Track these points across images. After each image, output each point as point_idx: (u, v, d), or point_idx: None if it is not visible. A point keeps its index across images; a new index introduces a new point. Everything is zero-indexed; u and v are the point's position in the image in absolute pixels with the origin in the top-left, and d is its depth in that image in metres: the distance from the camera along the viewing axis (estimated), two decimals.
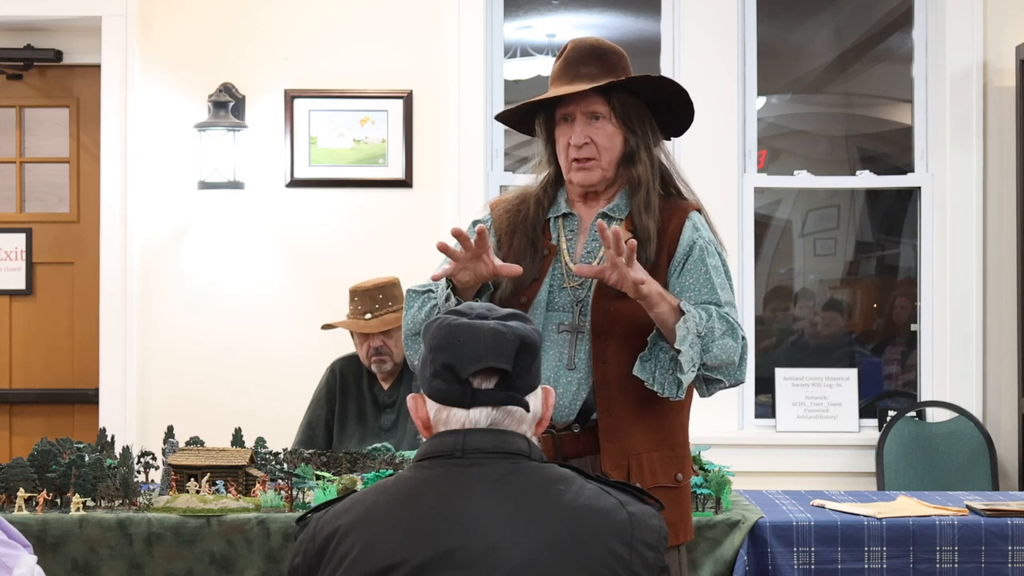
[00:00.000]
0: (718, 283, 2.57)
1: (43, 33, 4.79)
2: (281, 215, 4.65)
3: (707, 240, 2.61)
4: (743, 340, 2.54)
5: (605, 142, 2.60)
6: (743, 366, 2.56)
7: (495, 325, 1.82)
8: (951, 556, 3.07)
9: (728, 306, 2.57)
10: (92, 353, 4.72)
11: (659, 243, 2.58)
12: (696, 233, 2.60)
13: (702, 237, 2.61)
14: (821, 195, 5.23)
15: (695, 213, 2.65)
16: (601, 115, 2.60)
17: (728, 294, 2.59)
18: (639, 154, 2.61)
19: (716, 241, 2.65)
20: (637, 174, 2.61)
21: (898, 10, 5.01)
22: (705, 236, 2.61)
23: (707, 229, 2.64)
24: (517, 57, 5.11)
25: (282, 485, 3.07)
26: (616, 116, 2.60)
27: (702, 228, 2.63)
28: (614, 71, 2.61)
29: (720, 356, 2.49)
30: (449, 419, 1.84)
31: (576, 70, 2.61)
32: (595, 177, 2.62)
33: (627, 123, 2.61)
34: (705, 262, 2.58)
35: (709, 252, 2.59)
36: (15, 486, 3.02)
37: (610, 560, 1.74)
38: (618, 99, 2.60)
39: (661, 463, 2.54)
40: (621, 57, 2.66)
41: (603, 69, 2.61)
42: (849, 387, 4.76)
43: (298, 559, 1.84)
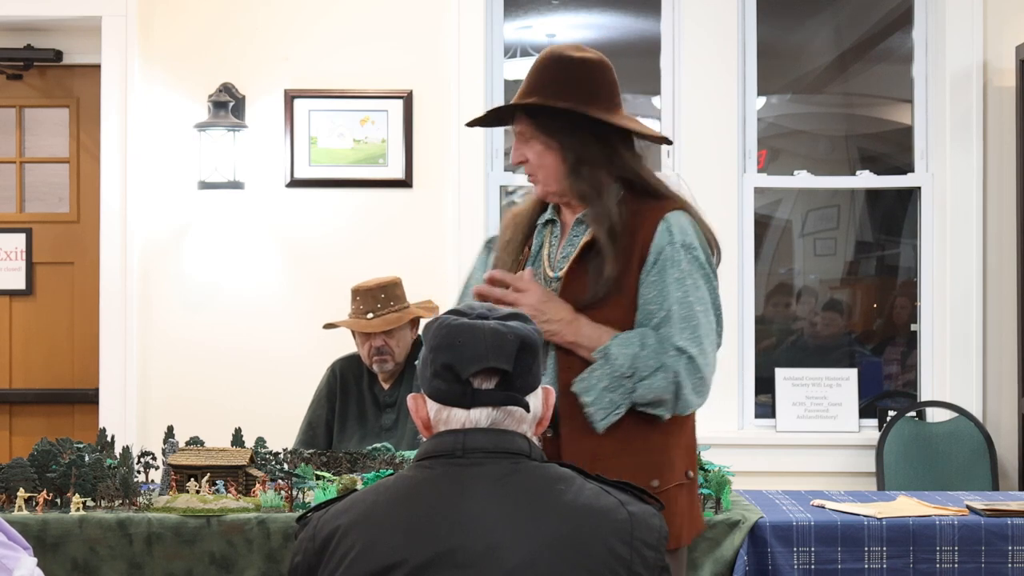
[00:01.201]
0: (676, 296, 2.47)
1: (43, 33, 4.79)
2: (281, 215, 4.65)
3: (680, 244, 2.49)
4: (681, 372, 2.43)
5: (535, 160, 2.56)
6: (684, 399, 2.46)
7: (495, 325, 1.82)
8: (951, 556, 3.07)
9: (684, 322, 2.46)
10: (92, 353, 4.72)
11: (628, 251, 2.50)
12: (667, 237, 2.49)
13: (673, 242, 2.49)
14: (821, 195, 5.23)
15: (673, 214, 2.53)
16: (527, 135, 2.56)
17: (687, 307, 2.47)
18: (579, 168, 2.53)
19: (698, 243, 2.52)
20: (579, 189, 2.54)
21: (898, 10, 5.01)
22: (678, 240, 2.49)
23: (685, 231, 2.51)
24: (517, 57, 5.11)
25: (282, 485, 3.07)
26: (541, 134, 2.54)
27: (676, 231, 2.50)
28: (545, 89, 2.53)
29: (647, 396, 2.45)
30: (449, 419, 1.84)
31: (525, 82, 2.59)
32: (541, 192, 2.60)
33: (556, 139, 2.53)
34: (666, 273, 2.48)
35: (675, 261, 2.48)
36: (15, 486, 3.02)
37: (610, 560, 1.74)
38: (543, 118, 2.53)
39: (630, 468, 2.41)
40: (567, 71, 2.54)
41: (536, 86, 2.54)
42: (849, 387, 4.76)
43: (298, 558, 1.84)
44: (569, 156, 2.53)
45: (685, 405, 2.48)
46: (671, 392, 2.45)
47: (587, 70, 2.55)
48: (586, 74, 2.54)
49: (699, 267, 2.51)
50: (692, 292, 2.48)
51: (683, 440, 2.58)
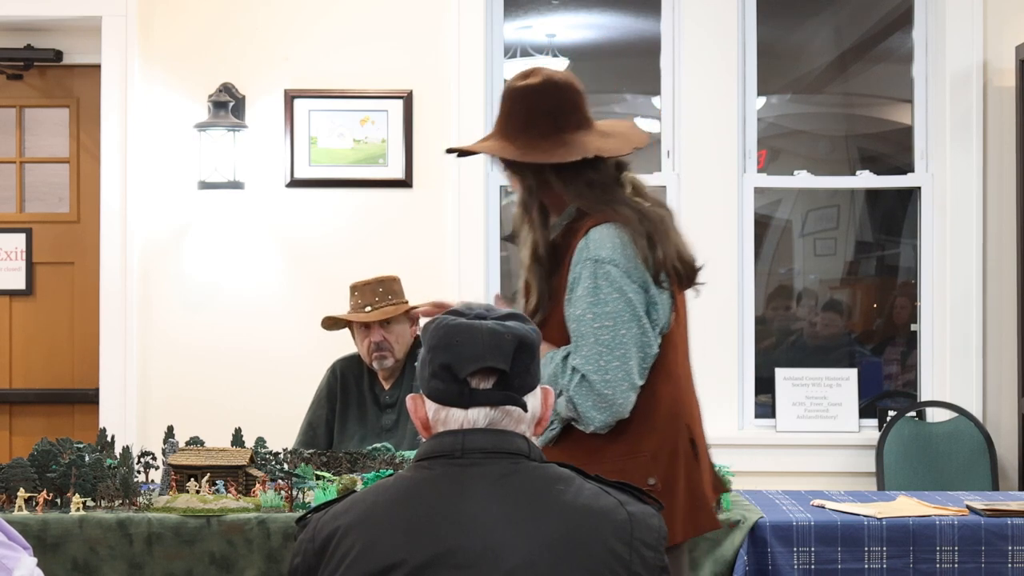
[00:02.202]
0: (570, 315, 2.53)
1: (43, 33, 4.79)
2: (281, 215, 4.65)
3: (590, 259, 2.52)
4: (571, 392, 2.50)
5: (513, 186, 2.70)
6: (586, 417, 2.50)
7: (493, 325, 1.83)
8: (951, 556, 3.07)
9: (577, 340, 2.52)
10: (92, 353, 4.72)
11: (563, 272, 2.57)
12: (580, 256, 2.54)
13: (583, 259, 2.53)
14: (821, 195, 5.23)
15: (596, 228, 2.55)
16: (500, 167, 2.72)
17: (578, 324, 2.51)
18: (528, 200, 2.65)
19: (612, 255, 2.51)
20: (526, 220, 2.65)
21: (898, 10, 5.00)
22: (592, 254, 2.52)
23: (600, 244, 2.53)
24: (517, 57, 5.11)
25: (282, 485, 3.07)
26: (505, 168, 2.70)
27: (592, 245, 2.53)
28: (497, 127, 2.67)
29: (562, 414, 2.54)
30: (448, 419, 1.84)
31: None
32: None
33: (511, 172, 2.68)
34: (572, 292, 2.53)
35: (579, 279, 2.52)
36: (15, 486, 3.02)
37: (610, 560, 1.74)
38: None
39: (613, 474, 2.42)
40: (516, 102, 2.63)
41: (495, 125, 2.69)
42: (849, 387, 4.76)
43: (298, 559, 1.84)
44: (523, 187, 2.65)
45: (589, 422, 2.52)
46: (572, 411, 2.53)
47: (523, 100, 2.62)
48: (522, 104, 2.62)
49: (610, 282, 2.50)
50: (592, 309, 2.50)
51: (644, 446, 2.56)
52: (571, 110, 2.61)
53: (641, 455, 2.55)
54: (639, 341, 2.52)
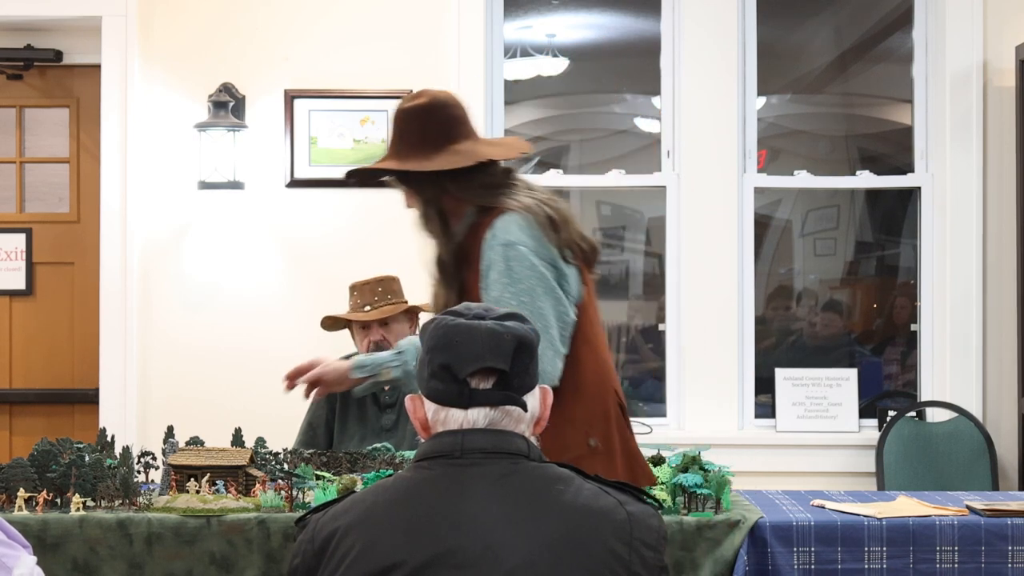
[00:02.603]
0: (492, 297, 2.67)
1: (43, 33, 4.80)
2: (281, 215, 4.65)
3: (498, 246, 2.69)
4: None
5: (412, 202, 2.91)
6: None
7: (492, 325, 1.83)
8: (951, 556, 3.07)
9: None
10: (92, 353, 4.72)
11: (472, 269, 2.75)
12: (490, 243, 2.71)
13: (493, 246, 2.70)
14: (821, 195, 5.23)
15: (500, 219, 2.73)
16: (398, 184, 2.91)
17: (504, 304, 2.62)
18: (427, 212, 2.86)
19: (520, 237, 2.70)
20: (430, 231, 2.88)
21: (898, 10, 5.00)
22: (499, 241, 2.70)
23: (507, 230, 2.71)
24: (517, 57, 5.11)
25: (282, 485, 3.07)
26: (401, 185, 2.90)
27: (499, 233, 2.71)
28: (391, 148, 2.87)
29: None
30: (447, 419, 1.84)
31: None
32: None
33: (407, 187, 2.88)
34: (487, 278, 2.70)
35: (493, 263, 2.69)
36: (15, 486, 3.02)
37: (609, 560, 1.74)
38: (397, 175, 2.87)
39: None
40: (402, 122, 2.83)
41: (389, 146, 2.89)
42: (849, 387, 4.76)
43: (297, 560, 1.84)
44: (421, 200, 2.86)
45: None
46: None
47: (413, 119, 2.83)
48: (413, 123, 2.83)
49: (521, 261, 2.68)
50: (509, 288, 2.67)
51: (576, 414, 2.71)
52: (459, 123, 2.82)
53: (577, 421, 2.70)
54: (556, 311, 2.68)
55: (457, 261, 2.79)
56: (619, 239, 5.38)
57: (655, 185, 4.81)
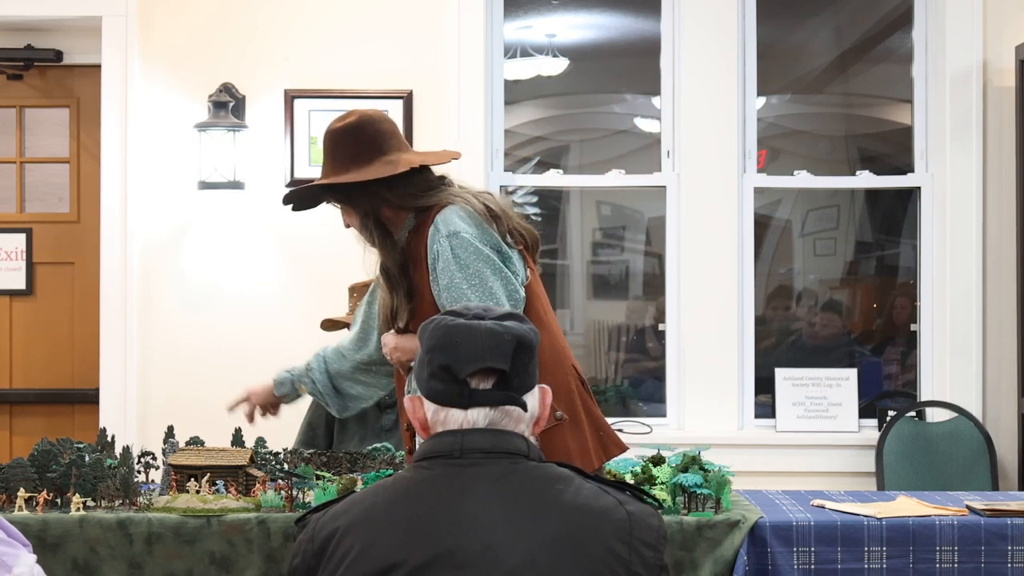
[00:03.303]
0: (443, 285, 2.77)
1: (43, 33, 4.80)
2: (281, 215, 4.63)
3: (443, 237, 2.79)
4: None
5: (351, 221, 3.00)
6: None
7: (491, 325, 1.83)
8: (951, 556, 3.07)
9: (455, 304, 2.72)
10: (92, 353, 4.72)
11: (419, 268, 2.86)
12: (434, 238, 2.81)
13: (439, 239, 2.80)
14: (821, 195, 5.23)
15: (440, 213, 2.84)
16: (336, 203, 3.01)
17: (454, 290, 2.76)
18: (366, 223, 2.95)
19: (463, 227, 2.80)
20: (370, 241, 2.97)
21: (898, 10, 5.00)
22: (442, 232, 2.80)
23: (448, 222, 2.81)
24: (517, 57, 5.11)
25: (282, 485, 3.07)
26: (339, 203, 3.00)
27: (441, 226, 2.81)
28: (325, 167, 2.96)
29: None
30: (447, 420, 1.84)
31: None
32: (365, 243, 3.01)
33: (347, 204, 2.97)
34: (435, 270, 2.80)
35: (441, 253, 2.79)
36: (15, 486, 3.02)
37: (609, 559, 1.74)
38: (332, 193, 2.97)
39: None
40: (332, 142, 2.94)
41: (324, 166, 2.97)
42: (849, 387, 4.76)
43: (297, 560, 1.84)
44: (358, 214, 2.95)
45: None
46: None
47: (345, 136, 2.93)
48: (345, 140, 2.93)
49: (466, 247, 2.79)
50: (457, 274, 2.77)
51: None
52: (390, 136, 2.94)
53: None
54: (506, 290, 2.79)
55: (402, 266, 2.90)
56: (619, 239, 5.38)
57: (655, 185, 4.81)
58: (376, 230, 2.93)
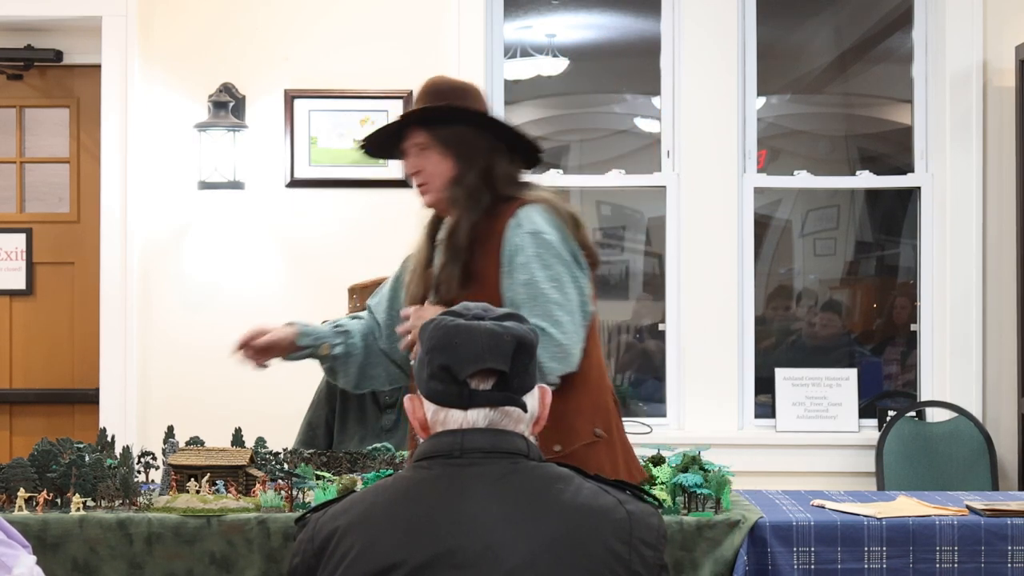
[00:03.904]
0: (521, 280, 2.69)
1: (43, 33, 4.80)
2: (281, 215, 4.65)
3: (525, 233, 2.72)
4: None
5: (432, 168, 2.83)
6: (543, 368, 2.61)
7: (491, 326, 1.83)
8: (951, 556, 3.07)
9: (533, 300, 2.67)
10: (92, 353, 4.72)
11: (488, 251, 2.74)
12: (516, 231, 2.73)
13: (520, 233, 2.72)
14: (821, 195, 5.23)
15: (523, 208, 2.76)
16: (425, 145, 2.83)
17: (533, 287, 2.68)
18: (464, 178, 2.80)
19: (548, 229, 2.73)
20: (454, 195, 2.81)
21: (898, 10, 5.01)
22: (526, 229, 2.72)
23: (533, 220, 2.73)
24: (517, 57, 5.11)
25: (282, 485, 3.07)
26: (439, 144, 2.82)
27: (525, 222, 2.73)
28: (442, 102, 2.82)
29: None
30: (447, 420, 1.84)
31: (414, 107, 2.87)
32: (430, 200, 2.88)
33: (452, 149, 2.81)
34: (513, 262, 2.71)
35: (520, 248, 2.71)
36: (15, 486, 3.02)
37: (609, 559, 1.74)
38: (440, 130, 2.81)
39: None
40: (457, 92, 2.84)
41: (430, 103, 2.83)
42: (849, 387, 4.76)
43: (297, 560, 1.84)
44: (460, 165, 2.81)
45: (547, 372, 2.64)
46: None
47: (471, 91, 2.87)
48: (472, 94, 2.87)
49: (547, 247, 2.72)
50: (538, 271, 2.69)
51: (584, 403, 2.77)
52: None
53: (584, 410, 2.76)
54: (580, 300, 2.74)
55: (471, 239, 2.76)
56: (619, 239, 5.38)
57: (655, 185, 4.81)
58: (474, 186, 2.78)
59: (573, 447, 2.71)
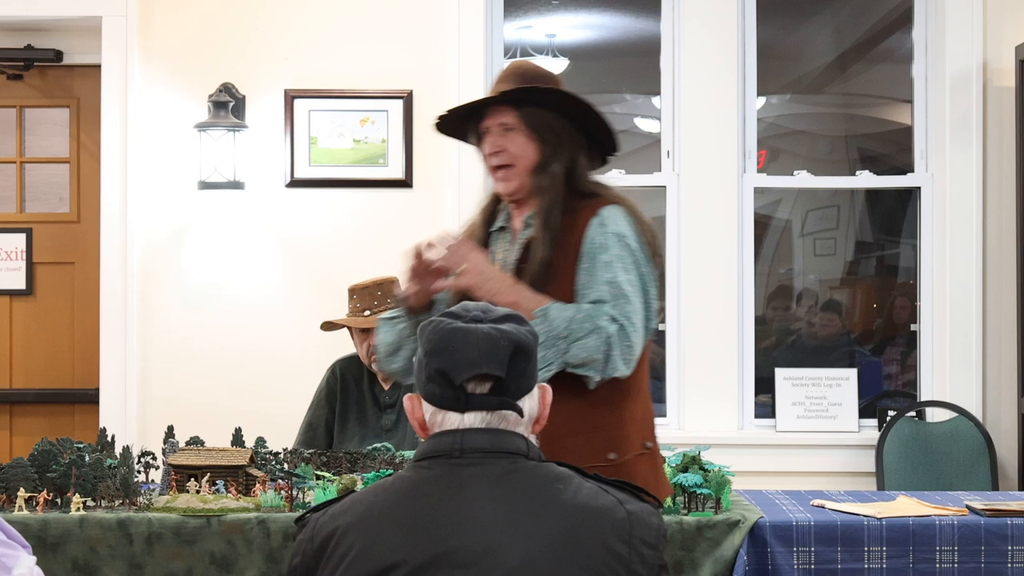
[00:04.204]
0: (605, 277, 2.65)
1: (43, 33, 4.80)
2: (281, 215, 4.65)
3: (610, 233, 2.68)
4: (613, 336, 2.61)
5: (517, 150, 2.74)
6: (613, 362, 2.62)
7: (488, 330, 1.82)
8: (951, 556, 3.07)
9: (616, 299, 2.64)
10: (92, 353, 4.72)
11: (566, 245, 2.69)
12: (599, 229, 2.68)
13: (604, 232, 2.68)
14: (821, 195, 5.23)
15: (607, 207, 2.72)
16: (512, 126, 2.75)
17: (618, 285, 2.65)
18: (549, 165, 2.73)
19: (630, 232, 2.70)
20: (540, 183, 2.73)
21: (898, 10, 5.01)
22: (611, 230, 2.68)
23: (617, 222, 2.70)
24: (517, 57, 5.11)
25: (282, 485, 3.07)
26: (526, 127, 2.74)
27: (609, 222, 2.69)
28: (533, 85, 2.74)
29: (580, 356, 2.60)
30: (444, 422, 1.84)
31: (496, 88, 2.79)
32: (513, 185, 2.77)
33: (539, 133, 2.74)
34: (596, 258, 2.67)
35: (605, 247, 2.67)
36: (15, 486, 3.02)
37: (609, 559, 1.74)
38: (529, 112, 2.73)
39: (588, 445, 2.64)
40: (545, 78, 2.79)
41: (519, 86, 2.75)
42: (849, 387, 4.76)
43: (297, 560, 1.84)
44: (546, 151, 2.73)
45: (612, 369, 2.63)
46: (602, 353, 2.60)
47: (559, 80, 2.80)
48: (560, 83, 2.80)
49: (630, 253, 2.69)
50: (621, 274, 2.66)
51: (637, 414, 2.75)
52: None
53: (637, 420, 2.74)
54: (651, 313, 2.73)
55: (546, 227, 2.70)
56: None
57: (655, 185, 4.80)
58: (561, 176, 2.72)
59: (626, 457, 2.70)
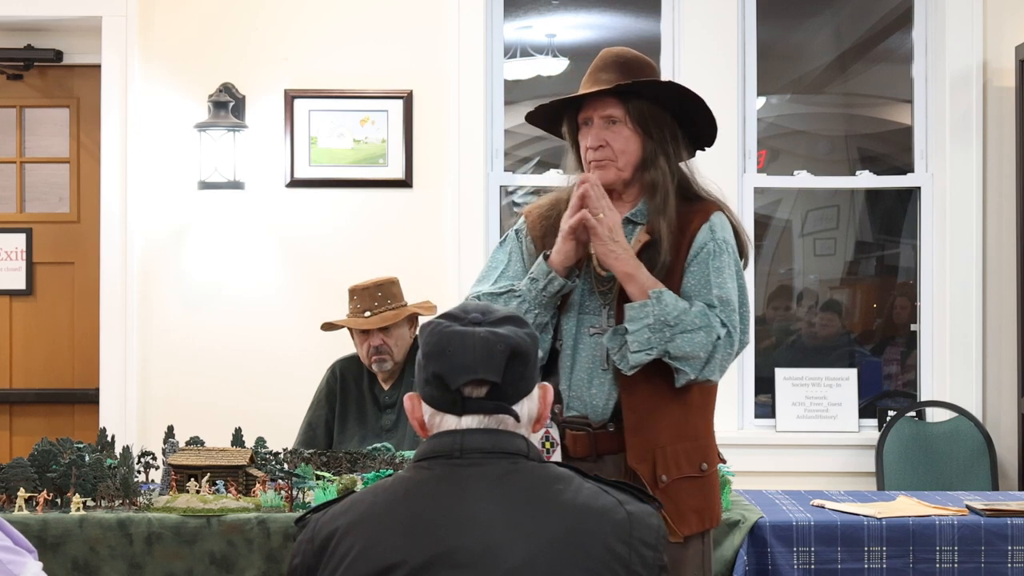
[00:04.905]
0: (716, 282, 2.64)
1: (43, 33, 4.80)
2: (281, 215, 4.65)
3: (721, 241, 2.67)
4: (721, 340, 2.59)
5: (621, 145, 2.70)
6: (712, 365, 2.59)
7: (485, 334, 1.81)
8: (951, 556, 3.07)
9: (723, 305, 2.62)
10: (92, 353, 4.72)
11: (677, 246, 2.66)
12: (711, 235, 2.67)
13: (715, 239, 2.67)
14: (821, 195, 5.23)
15: (717, 214, 2.72)
16: (617, 119, 2.69)
17: (726, 292, 2.64)
18: (656, 159, 2.70)
19: (733, 242, 2.71)
20: (652, 179, 2.69)
21: (898, 10, 5.01)
22: (720, 237, 2.67)
23: (725, 229, 2.70)
24: (517, 57, 5.11)
25: (282, 485, 3.07)
26: (632, 120, 2.69)
27: (719, 229, 2.69)
28: (633, 77, 2.69)
29: (684, 348, 2.56)
30: (443, 424, 1.84)
31: (597, 76, 2.71)
32: (611, 176, 2.70)
33: (644, 127, 2.69)
34: (708, 264, 2.65)
35: (716, 253, 2.66)
36: (15, 486, 3.02)
37: (609, 559, 1.74)
38: (635, 105, 2.69)
39: (685, 454, 2.64)
40: (646, 66, 2.76)
41: (622, 75, 2.69)
42: (849, 387, 4.76)
43: (297, 560, 1.84)
44: (649, 146, 2.69)
45: (710, 371, 2.60)
46: (706, 353, 2.57)
47: (658, 70, 2.78)
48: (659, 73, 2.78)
49: (734, 263, 2.69)
50: (728, 282, 2.65)
51: (712, 428, 2.76)
52: None
53: (711, 436, 2.75)
54: (746, 326, 2.70)
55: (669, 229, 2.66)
56: None
57: None
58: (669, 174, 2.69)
59: (712, 469, 2.70)
